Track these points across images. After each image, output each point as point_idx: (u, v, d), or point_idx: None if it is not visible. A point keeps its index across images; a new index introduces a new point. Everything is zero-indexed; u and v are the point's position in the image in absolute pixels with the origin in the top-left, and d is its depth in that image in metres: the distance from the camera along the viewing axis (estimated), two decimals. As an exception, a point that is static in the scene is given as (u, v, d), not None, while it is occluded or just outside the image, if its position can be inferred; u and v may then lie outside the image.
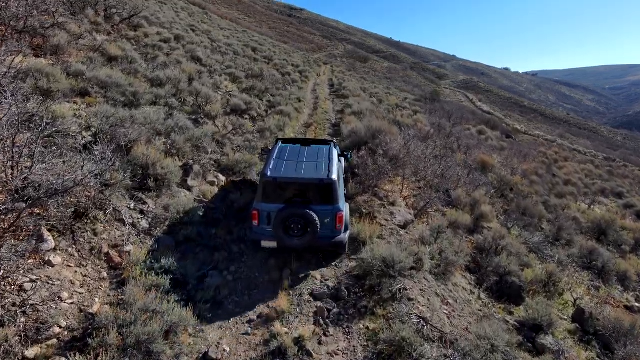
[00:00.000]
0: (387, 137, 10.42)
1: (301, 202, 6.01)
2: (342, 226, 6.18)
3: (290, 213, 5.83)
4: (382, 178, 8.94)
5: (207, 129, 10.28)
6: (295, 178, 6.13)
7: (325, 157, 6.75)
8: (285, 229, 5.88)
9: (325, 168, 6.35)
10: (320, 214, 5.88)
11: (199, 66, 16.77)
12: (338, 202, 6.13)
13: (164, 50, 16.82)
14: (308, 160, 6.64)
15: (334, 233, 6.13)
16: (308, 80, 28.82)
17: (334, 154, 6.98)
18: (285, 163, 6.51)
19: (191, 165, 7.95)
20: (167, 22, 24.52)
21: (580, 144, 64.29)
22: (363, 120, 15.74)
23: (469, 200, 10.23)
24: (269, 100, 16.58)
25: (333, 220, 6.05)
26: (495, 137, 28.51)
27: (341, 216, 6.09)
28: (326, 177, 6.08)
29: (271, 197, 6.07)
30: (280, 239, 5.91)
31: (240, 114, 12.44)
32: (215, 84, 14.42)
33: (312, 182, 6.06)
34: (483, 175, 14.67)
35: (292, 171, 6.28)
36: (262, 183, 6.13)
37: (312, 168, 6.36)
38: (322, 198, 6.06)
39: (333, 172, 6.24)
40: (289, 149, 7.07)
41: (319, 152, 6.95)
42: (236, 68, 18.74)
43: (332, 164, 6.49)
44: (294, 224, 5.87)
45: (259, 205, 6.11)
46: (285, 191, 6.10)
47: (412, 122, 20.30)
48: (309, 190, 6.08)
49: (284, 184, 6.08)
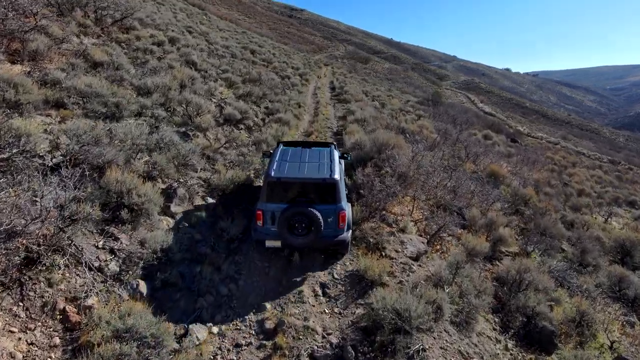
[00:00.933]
0: (395, 151, 9.45)
1: (304, 201, 6.08)
2: (344, 225, 6.25)
3: (294, 212, 5.89)
4: (390, 200, 7.97)
5: (197, 142, 9.32)
6: (298, 178, 6.23)
7: (327, 158, 6.87)
8: (289, 228, 5.95)
9: (327, 168, 6.46)
10: (323, 213, 5.95)
11: (193, 71, 15.80)
12: (340, 201, 6.21)
13: (156, 54, 15.86)
14: (310, 161, 6.75)
15: (336, 232, 6.21)
16: (308, 83, 27.85)
17: (335, 155, 7.09)
18: (288, 164, 6.60)
19: (175, 189, 6.98)
20: (162, 24, 23.57)
21: (584, 146, 63.41)
22: (366, 127, 14.78)
23: (485, 221, 9.26)
24: (267, 106, 15.61)
25: (336, 219, 6.13)
26: (501, 142, 27.53)
27: (344, 215, 6.16)
28: (329, 177, 6.19)
29: (275, 197, 6.15)
30: (285, 238, 5.98)
31: (235, 124, 11.47)
32: (209, 91, 13.46)
33: (315, 181, 6.18)
34: (494, 187, 13.70)
35: (295, 172, 6.37)
36: (266, 183, 6.20)
37: (315, 168, 6.47)
38: (325, 197, 6.16)
39: (335, 172, 6.35)
40: (291, 151, 7.18)
41: (320, 153, 7.07)
42: (233, 72, 17.77)
43: (334, 164, 6.61)
44: (297, 223, 5.93)
45: (263, 206, 6.17)
46: (289, 191, 6.18)
47: (417, 128, 19.32)
48: (312, 190, 6.18)
49: (288, 184, 6.17)
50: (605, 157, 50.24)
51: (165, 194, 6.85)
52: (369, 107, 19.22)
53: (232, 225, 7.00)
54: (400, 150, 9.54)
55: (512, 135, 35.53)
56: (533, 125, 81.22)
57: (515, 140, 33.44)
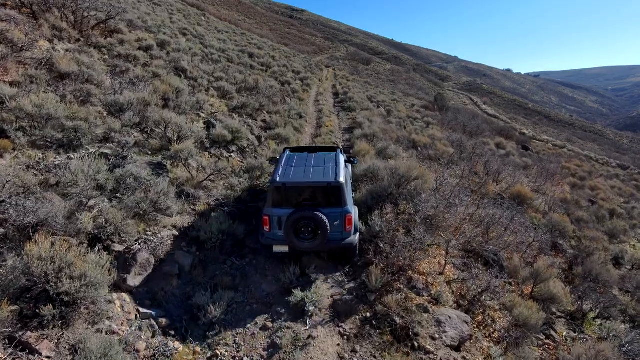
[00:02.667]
0: (419, 184, 7.62)
1: (310, 205, 6.01)
2: (351, 228, 6.14)
3: (300, 216, 5.81)
4: (418, 256, 6.15)
5: (175, 175, 7.49)
6: (303, 182, 6.14)
7: (332, 162, 6.77)
8: (296, 232, 5.88)
9: (332, 172, 6.34)
10: (329, 216, 5.88)
11: (181, 80, 13.98)
12: (347, 205, 6.11)
13: (141, 60, 14.04)
14: (316, 165, 6.68)
15: (343, 235, 6.12)
16: (310, 88, 26.00)
17: (341, 159, 6.93)
18: (294, 169, 6.51)
19: (135, 253, 5.15)
20: (154, 26, 21.76)
21: (590, 149, 61.73)
22: (376, 144, 12.95)
23: (529, 272, 7.44)
24: (264, 120, 13.78)
25: (342, 222, 6.03)
26: (514, 151, 25.69)
27: (350, 218, 6.06)
28: (334, 180, 6.07)
29: (281, 202, 6.07)
30: (292, 242, 5.91)
31: (225, 146, 9.65)
32: (198, 104, 11.63)
33: (321, 185, 6.07)
34: (522, 213, 11.88)
35: (300, 176, 6.29)
36: (272, 189, 6.09)
37: (320, 172, 6.38)
38: (331, 201, 6.06)
39: (340, 175, 6.22)
40: (297, 156, 7.10)
41: (326, 158, 6.98)
42: (227, 80, 15.94)
43: (340, 168, 6.47)
44: (304, 227, 5.87)
45: (269, 211, 6.07)
46: (295, 196, 6.09)
47: (429, 139, 17.49)
48: (317, 193, 6.09)
49: (293, 188, 6.08)
50: (613, 161, 48.46)
51: (121, 261, 5.03)
52: (376, 118, 17.38)
53: (213, 298, 5.18)
54: (425, 182, 7.70)
55: (523, 142, 33.67)
56: (537, 127, 79.52)
57: (527, 148, 31.60)
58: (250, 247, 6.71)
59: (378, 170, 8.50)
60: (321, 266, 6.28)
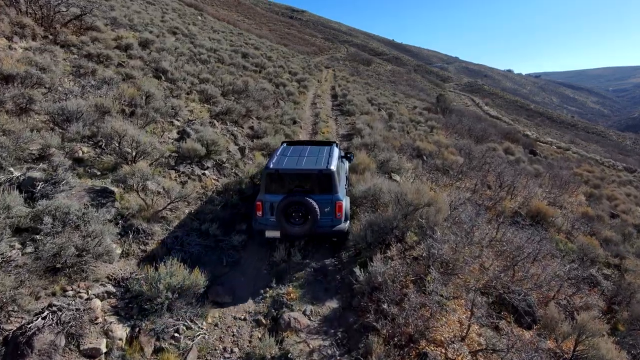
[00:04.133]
0: (431, 212, 6.02)
1: (302, 192, 6.11)
2: (342, 215, 6.25)
3: (290, 201, 5.91)
4: (434, 322, 4.55)
5: (124, 204, 5.90)
6: (295, 169, 6.30)
7: (325, 153, 6.98)
8: (287, 217, 5.97)
9: (325, 161, 6.51)
10: (320, 202, 5.99)
11: (160, 82, 12.42)
12: (337, 192, 6.24)
13: (114, 60, 12.47)
14: (309, 155, 6.88)
15: (334, 222, 6.22)
16: (307, 90, 24.39)
17: (335, 151, 7.14)
18: (288, 158, 6.73)
19: (31, 335, 3.55)
20: (141, 24, 20.21)
21: (593, 151, 60.20)
22: (378, 155, 11.35)
23: (571, 326, 5.83)
24: (252, 126, 12.19)
25: (333, 209, 6.16)
26: (524, 156, 24.04)
27: (340, 205, 6.19)
28: (325, 168, 6.22)
29: (274, 188, 6.19)
30: (283, 227, 5.97)
31: (198, 162, 8.06)
32: (173, 110, 10.06)
33: (312, 172, 6.21)
34: (544, 232, 10.27)
35: (293, 164, 6.48)
36: (265, 175, 6.21)
37: (313, 161, 6.57)
38: (322, 188, 6.19)
39: (332, 164, 6.38)
40: (293, 148, 7.35)
41: (321, 150, 7.21)
42: (213, 82, 14.35)
43: (332, 158, 6.65)
44: (295, 212, 5.98)
45: (262, 197, 6.21)
46: (287, 182, 6.21)
47: (434, 146, 15.89)
48: (309, 181, 6.23)
49: (286, 175, 6.22)
50: (619, 164, 46.84)
51: (9, 349, 3.45)
52: (377, 123, 15.75)
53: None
54: (438, 211, 6.09)
55: (529, 145, 32.01)
56: (539, 128, 77.98)
57: (535, 152, 29.95)
58: (215, 302, 5.13)
59: (380, 194, 6.91)
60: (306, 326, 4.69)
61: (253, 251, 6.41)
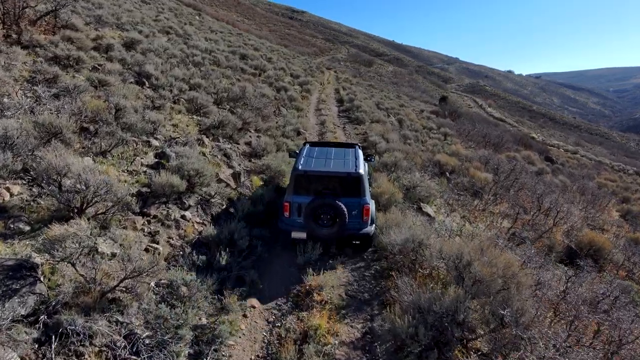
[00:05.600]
0: (511, 294, 4.03)
1: (330, 194, 6.05)
2: (368, 219, 6.21)
3: (320, 203, 5.90)
4: None
5: (57, 280, 3.90)
6: (324, 172, 6.27)
7: (351, 155, 6.94)
8: (315, 219, 5.95)
9: (352, 164, 6.51)
10: (348, 205, 5.95)
11: (140, 90, 10.42)
12: (365, 195, 6.20)
13: (88, 64, 10.47)
14: (336, 158, 6.84)
15: (360, 225, 6.18)
16: (310, 94, 22.37)
17: (360, 154, 7.11)
18: (315, 160, 6.70)
19: None
20: (130, 23, 18.16)
21: (599, 153, 58.34)
22: (402, 178, 9.35)
23: None
24: (249, 142, 10.18)
25: (360, 212, 6.12)
26: (545, 165, 22.08)
27: (367, 208, 6.15)
28: (354, 171, 6.22)
29: (302, 190, 6.18)
30: (311, 228, 5.97)
31: (177, 198, 6.05)
32: (152, 125, 8.06)
33: (341, 175, 6.20)
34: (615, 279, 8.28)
35: (321, 166, 6.45)
36: (293, 177, 6.22)
37: (340, 164, 6.54)
38: (350, 191, 6.15)
39: (360, 167, 6.38)
40: (317, 149, 7.33)
41: (345, 152, 7.19)
42: (205, 88, 12.34)
43: (359, 161, 6.64)
44: (323, 214, 5.93)
45: (290, 198, 6.18)
46: (315, 184, 6.19)
47: (456, 159, 13.89)
48: (337, 183, 6.19)
49: (314, 177, 6.21)
50: (630, 168, 44.92)
51: None
52: (392, 134, 13.73)
53: None
54: (519, 287, 4.09)
55: (544, 152, 30.03)
56: (544, 130, 76.06)
57: (551, 159, 27.97)
58: None
59: (422, 249, 4.89)
60: None
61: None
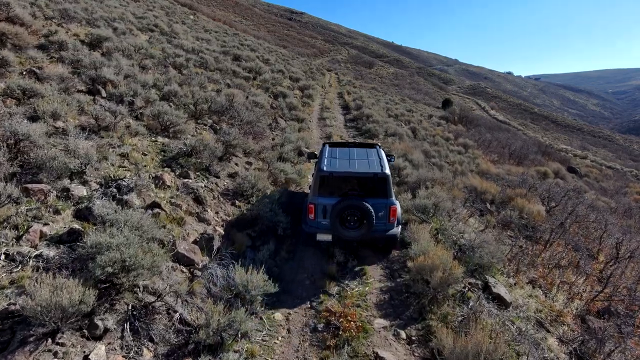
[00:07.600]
0: None
1: (356, 195, 5.83)
2: (395, 220, 6.00)
3: (347, 205, 5.68)
4: None
5: None
6: (350, 172, 6.01)
7: (375, 155, 6.72)
8: (342, 220, 5.74)
9: (377, 164, 6.28)
10: (374, 206, 5.72)
11: (94, 100, 7.59)
12: (392, 196, 5.98)
13: (15, 67, 7.64)
14: (359, 158, 6.62)
15: (387, 226, 5.96)
16: (312, 100, 19.55)
17: (383, 154, 6.87)
18: (339, 161, 6.44)
19: None
20: (105, 18, 15.28)
21: (605, 157, 55.83)
22: (445, 230, 6.58)
23: None
24: (235, 173, 7.37)
25: (387, 214, 5.89)
26: (583, 184, 19.35)
27: (394, 209, 5.94)
28: (380, 172, 5.97)
29: (327, 191, 5.94)
30: (337, 230, 5.76)
31: (77, 322, 3.28)
32: (86, 158, 5.28)
33: (367, 176, 5.96)
34: None
35: (346, 167, 6.17)
36: (318, 178, 5.96)
37: (365, 164, 6.30)
38: (376, 192, 5.91)
39: (386, 167, 6.16)
40: (338, 150, 7.04)
41: (368, 152, 6.92)
42: (181, 97, 9.52)
43: (383, 161, 6.43)
44: (350, 216, 5.72)
45: (315, 199, 5.94)
46: (341, 185, 5.96)
47: (494, 185, 11.10)
48: (363, 184, 5.96)
49: (340, 178, 5.97)
50: (641, 173, 42.29)
51: None
52: (417, 153, 10.93)
53: None
54: None
55: (565, 162, 27.30)
56: (548, 133, 73.40)
57: (574, 170, 25.23)
58: None
59: None
60: None
61: None
